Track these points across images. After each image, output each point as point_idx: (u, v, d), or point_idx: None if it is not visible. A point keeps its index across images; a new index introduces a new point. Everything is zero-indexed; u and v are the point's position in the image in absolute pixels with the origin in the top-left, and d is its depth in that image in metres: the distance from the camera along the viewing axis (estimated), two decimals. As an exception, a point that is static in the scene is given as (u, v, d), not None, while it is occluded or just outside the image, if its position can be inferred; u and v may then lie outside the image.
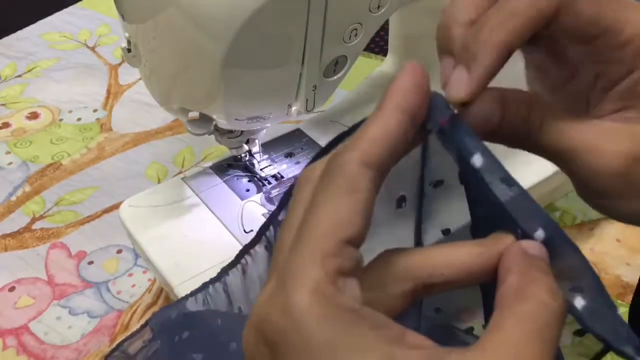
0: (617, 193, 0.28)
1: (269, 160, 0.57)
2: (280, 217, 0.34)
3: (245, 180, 0.56)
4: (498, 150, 0.26)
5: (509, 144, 0.29)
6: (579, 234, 0.60)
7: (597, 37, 0.28)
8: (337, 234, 0.23)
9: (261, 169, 0.55)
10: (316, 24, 0.41)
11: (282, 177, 0.56)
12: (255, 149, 0.54)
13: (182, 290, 0.46)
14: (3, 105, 0.81)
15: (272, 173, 0.56)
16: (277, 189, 0.54)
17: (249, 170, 0.56)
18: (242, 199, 0.54)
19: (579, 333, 0.26)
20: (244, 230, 0.51)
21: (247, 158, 0.55)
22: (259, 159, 0.55)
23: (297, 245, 0.23)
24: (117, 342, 0.50)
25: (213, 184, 0.55)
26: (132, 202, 0.55)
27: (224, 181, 0.55)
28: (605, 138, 0.28)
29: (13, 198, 0.67)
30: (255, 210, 0.53)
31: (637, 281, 0.46)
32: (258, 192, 0.54)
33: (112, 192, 0.67)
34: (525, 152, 0.36)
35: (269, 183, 0.55)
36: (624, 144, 0.27)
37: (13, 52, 0.91)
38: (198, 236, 0.51)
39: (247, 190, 0.55)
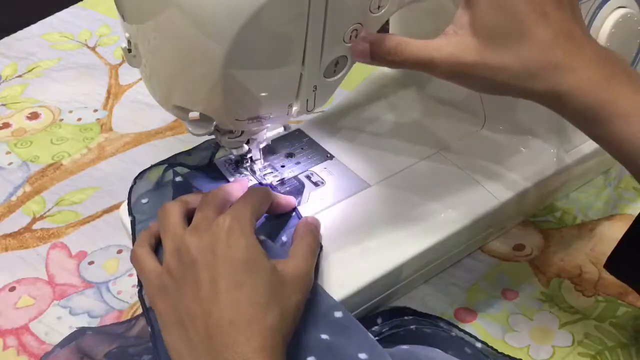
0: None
1: (269, 165, 0.57)
2: None
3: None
4: (499, 153, 0.26)
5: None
6: (579, 234, 0.60)
7: None
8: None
9: (263, 175, 0.55)
10: (316, 24, 0.41)
11: (283, 179, 0.56)
12: (257, 154, 0.54)
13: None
14: (3, 105, 0.81)
15: (273, 176, 0.56)
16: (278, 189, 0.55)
17: (249, 172, 0.56)
18: None
19: None
20: None
21: (248, 164, 0.55)
22: (260, 166, 0.55)
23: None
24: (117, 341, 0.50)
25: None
26: (133, 202, 0.55)
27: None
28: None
29: (13, 198, 0.67)
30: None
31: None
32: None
33: (113, 192, 0.67)
34: (527, 154, 0.35)
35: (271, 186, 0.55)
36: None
37: (13, 52, 0.91)
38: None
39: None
